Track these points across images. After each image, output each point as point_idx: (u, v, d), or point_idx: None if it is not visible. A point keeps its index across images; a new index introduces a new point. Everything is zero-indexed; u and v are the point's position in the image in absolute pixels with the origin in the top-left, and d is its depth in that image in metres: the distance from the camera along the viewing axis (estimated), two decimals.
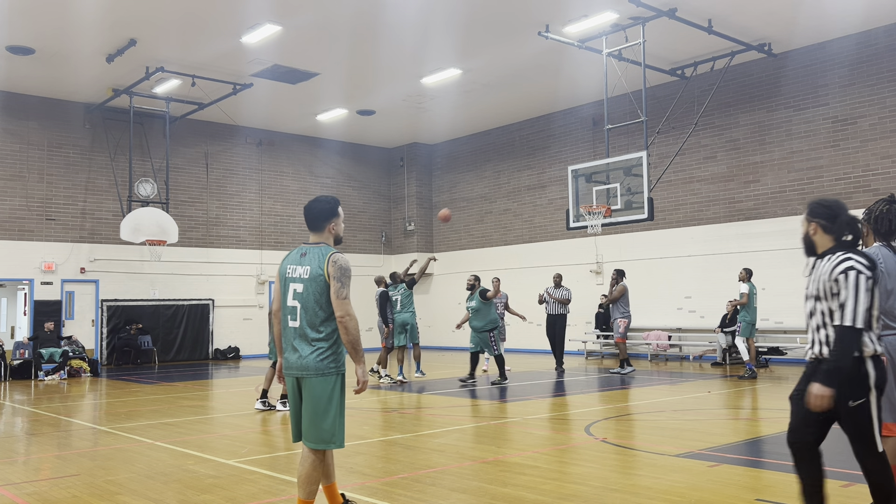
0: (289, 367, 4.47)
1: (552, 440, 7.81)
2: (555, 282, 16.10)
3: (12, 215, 18.50)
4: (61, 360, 16.34)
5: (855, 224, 3.95)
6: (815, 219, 4.00)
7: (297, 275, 4.47)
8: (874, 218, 4.58)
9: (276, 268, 4.62)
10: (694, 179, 18.35)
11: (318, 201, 4.61)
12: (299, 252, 4.56)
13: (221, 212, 21.86)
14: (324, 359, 4.38)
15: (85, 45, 15.65)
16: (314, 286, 4.39)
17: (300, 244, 4.64)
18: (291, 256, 4.58)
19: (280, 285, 4.57)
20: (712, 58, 16.74)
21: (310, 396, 4.37)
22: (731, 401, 10.80)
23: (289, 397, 4.54)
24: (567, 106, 21.01)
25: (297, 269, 4.48)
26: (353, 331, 4.35)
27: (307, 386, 4.38)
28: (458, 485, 5.80)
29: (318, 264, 4.41)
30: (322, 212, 4.56)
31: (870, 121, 15.57)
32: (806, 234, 4.06)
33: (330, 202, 4.60)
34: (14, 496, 5.71)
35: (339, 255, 4.45)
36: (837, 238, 3.95)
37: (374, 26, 14.95)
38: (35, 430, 9.18)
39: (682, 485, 5.67)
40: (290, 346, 4.46)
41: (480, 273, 21.72)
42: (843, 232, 3.93)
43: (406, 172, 25.22)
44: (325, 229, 4.57)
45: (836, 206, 4.00)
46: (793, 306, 16.46)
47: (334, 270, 4.37)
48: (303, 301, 4.42)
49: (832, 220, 3.96)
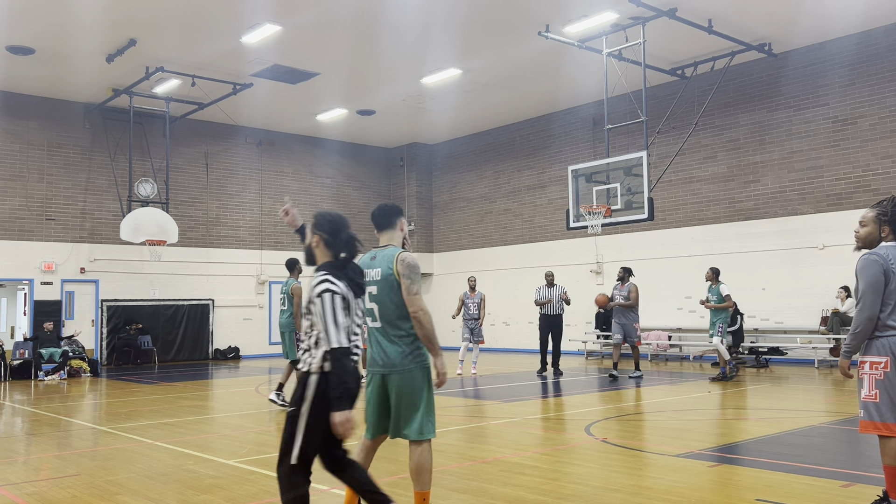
0: (374, 364, 4.60)
1: (552, 440, 7.81)
2: (547, 280, 14.87)
3: (12, 215, 18.50)
4: (61, 360, 16.34)
5: (354, 243, 4.00)
6: (318, 231, 4.02)
7: (370, 277, 4.60)
8: (891, 212, 4.57)
9: (277, 268, 4.72)
10: (694, 179, 18.35)
11: (385, 205, 4.79)
12: (370, 256, 4.69)
13: (221, 212, 21.86)
14: (409, 353, 4.52)
15: (85, 44, 15.65)
16: (386, 286, 4.53)
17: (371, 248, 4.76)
18: (363, 261, 4.69)
19: None
20: (712, 58, 16.74)
21: (401, 391, 4.53)
22: (731, 401, 10.80)
23: (368, 394, 4.64)
24: (567, 106, 21.01)
25: (369, 273, 4.61)
26: (428, 325, 4.47)
27: (396, 381, 4.53)
28: (458, 485, 5.80)
29: (387, 265, 4.55)
30: (391, 209, 4.75)
31: (870, 121, 15.57)
32: (308, 246, 4.11)
33: (389, 206, 4.78)
34: (14, 496, 5.71)
35: (407, 253, 4.57)
36: (336, 254, 3.98)
37: (374, 26, 14.94)
38: (35, 430, 9.18)
39: (682, 485, 5.67)
40: (375, 344, 4.61)
41: (480, 273, 21.76)
42: (342, 249, 3.97)
43: (406, 172, 25.22)
44: (396, 226, 4.69)
45: (340, 221, 4.04)
46: (793, 306, 16.48)
47: (403, 268, 4.50)
48: (379, 301, 4.56)
49: (334, 235, 3.99)
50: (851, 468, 6.16)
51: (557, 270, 20.70)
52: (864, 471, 5.94)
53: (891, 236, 4.61)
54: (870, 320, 4.49)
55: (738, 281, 17.28)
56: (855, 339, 4.57)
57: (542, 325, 14.74)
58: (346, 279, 3.91)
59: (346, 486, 4.31)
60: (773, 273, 16.79)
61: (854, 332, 4.55)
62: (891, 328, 4.47)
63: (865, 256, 4.57)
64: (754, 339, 17.00)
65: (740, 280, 17.26)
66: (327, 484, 5.97)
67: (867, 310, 4.48)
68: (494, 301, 21.59)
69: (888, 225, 4.62)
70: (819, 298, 16.00)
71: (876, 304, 4.47)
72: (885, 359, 4.46)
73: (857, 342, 4.59)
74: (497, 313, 21.46)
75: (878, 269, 4.48)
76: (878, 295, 4.47)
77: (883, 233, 4.64)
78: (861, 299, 4.52)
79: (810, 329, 16.12)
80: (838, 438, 7.73)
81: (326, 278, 3.84)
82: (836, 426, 8.26)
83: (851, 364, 4.72)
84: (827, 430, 8.07)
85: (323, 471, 4.20)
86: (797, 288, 16.43)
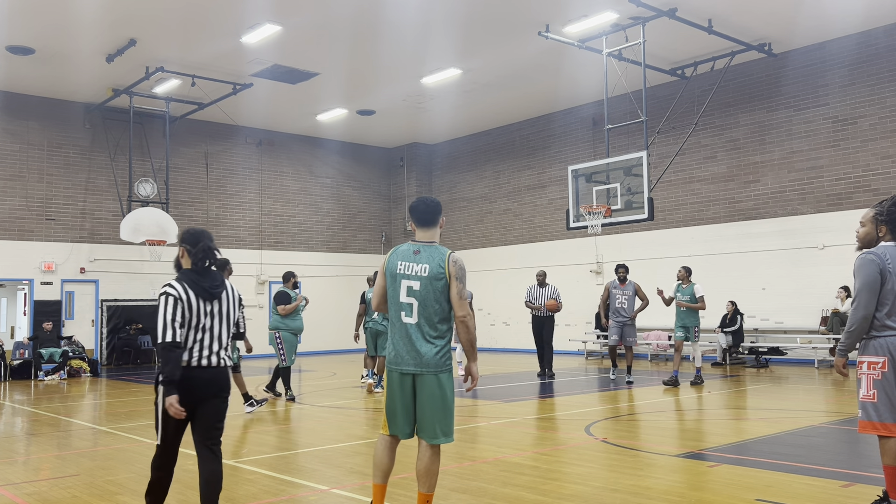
0: (402, 363, 4.47)
1: (552, 440, 7.81)
2: (539, 280, 14.26)
3: (12, 215, 18.50)
4: (61, 360, 16.34)
5: (210, 253, 4.37)
6: (183, 244, 4.44)
7: (412, 272, 4.48)
8: (887, 212, 4.57)
9: (277, 268, 4.73)
10: (694, 179, 18.35)
11: (430, 199, 4.69)
12: (411, 249, 4.56)
13: (221, 212, 21.86)
14: (442, 356, 4.46)
15: (85, 44, 15.65)
16: (435, 285, 4.44)
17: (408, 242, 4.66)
18: (402, 253, 4.58)
19: (388, 281, 4.58)
20: (712, 58, 16.73)
21: (429, 393, 4.44)
22: (731, 401, 10.80)
23: (394, 393, 4.53)
24: (567, 106, 21.00)
25: (412, 267, 4.49)
26: (473, 330, 4.51)
27: (425, 382, 4.44)
28: (458, 485, 5.80)
29: (438, 263, 4.46)
30: (436, 205, 4.66)
31: (870, 121, 15.57)
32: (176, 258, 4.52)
33: (438, 201, 4.74)
34: (14, 496, 5.71)
35: (457, 255, 4.53)
36: (195, 262, 4.38)
37: (374, 26, 14.94)
38: (35, 430, 9.18)
39: (682, 485, 5.67)
40: (405, 342, 4.48)
41: (480, 273, 21.78)
42: (199, 258, 4.35)
43: (406, 172, 25.22)
44: (438, 223, 4.64)
45: (200, 234, 4.43)
46: (793, 306, 16.48)
47: (456, 270, 4.45)
48: (421, 299, 4.45)
49: (194, 245, 4.37)
50: (851, 468, 6.16)
51: (557, 270, 20.71)
52: (864, 471, 5.94)
53: (888, 236, 4.61)
54: (864, 319, 4.49)
55: (738, 281, 17.30)
56: (850, 338, 4.58)
57: (533, 326, 14.35)
58: (194, 285, 4.29)
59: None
60: (773, 273, 16.79)
61: (849, 330, 4.56)
62: (889, 328, 4.46)
63: (863, 256, 4.57)
64: (754, 339, 17.00)
65: (740, 280, 17.28)
66: (327, 484, 5.97)
67: (862, 309, 4.48)
68: (494, 301, 21.60)
69: (885, 224, 4.62)
70: (819, 298, 16.00)
71: (871, 303, 4.47)
72: (883, 359, 4.45)
73: (851, 341, 4.59)
74: (497, 313, 21.47)
75: (874, 268, 4.48)
76: (873, 294, 4.47)
77: (880, 232, 4.64)
78: (856, 298, 4.53)
79: (810, 329, 16.12)
80: (838, 438, 7.73)
81: (168, 283, 4.30)
82: (836, 426, 8.26)
83: (848, 363, 4.72)
84: (827, 430, 8.07)
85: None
86: (797, 288, 16.43)
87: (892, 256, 4.52)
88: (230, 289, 4.50)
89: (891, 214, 4.60)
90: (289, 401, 11.12)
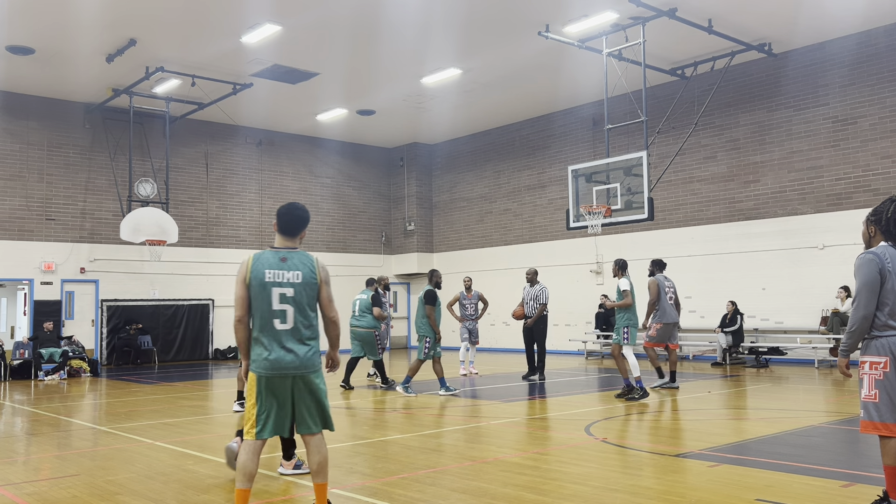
0: (283, 366, 4.57)
1: (552, 440, 7.80)
2: (528, 279, 13.74)
3: (12, 215, 18.51)
4: (61, 360, 16.33)
5: None
6: None
7: (284, 279, 4.61)
8: (886, 219, 4.58)
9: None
10: (694, 179, 18.35)
11: (301, 208, 4.83)
12: (277, 256, 4.67)
13: (221, 212, 21.86)
14: (315, 355, 4.69)
15: (85, 44, 15.65)
16: (308, 290, 4.66)
17: (267, 249, 4.79)
18: (267, 261, 4.65)
19: (255, 290, 4.61)
20: (712, 58, 16.74)
21: (311, 390, 4.66)
22: (731, 401, 10.80)
23: (270, 397, 4.61)
24: (567, 106, 21.01)
25: (283, 274, 4.62)
26: (340, 326, 4.87)
27: (305, 382, 4.64)
28: (458, 485, 5.80)
29: (309, 269, 4.67)
30: (304, 220, 4.82)
31: (870, 121, 15.57)
32: None
33: (308, 211, 4.90)
34: (14, 496, 5.71)
35: (321, 260, 4.83)
36: None
37: (374, 26, 14.95)
38: (35, 430, 9.18)
39: (682, 485, 5.67)
40: (282, 348, 4.59)
41: (480, 273, 21.76)
42: None
43: (406, 172, 25.23)
44: (300, 235, 4.83)
45: None
46: (793, 306, 16.48)
47: (325, 275, 4.75)
48: (296, 304, 4.61)
49: None
50: (851, 468, 6.16)
51: (557, 270, 20.73)
52: (864, 471, 5.94)
53: (879, 236, 4.63)
54: (865, 319, 4.49)
55: (738, 281, 17.30)
56: (851, 338, 4.58)
57: (524, 327, 13.81)
58: None
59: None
60: (773, 273, 16.79)
61: (850, 330, 4.56)
62: (890, 328, 4.46)
63: (862, 255, 4.59)
64: (754, 339, 17.00)
65: (740, 280, 17.28)
66: None
67: (862, 308, 4.49)
68: (494, 301, 21.60)
69: (874, 225, 4.65)
70: (819, 298, 16.00)
71: (871, 302, 4.47)
72: (885, 359, 4.45)
73: (853, 341, 4.59)
74: (497, 313, 21.44)
75: (873, 267, 4.49)
76: (873, 294, 4.47)
77: (871, 232, 4.66)
78: (857, 298, 4.54)
79: (810, 329, 16.12)
80: (838, 438, 7.73)
81: None
82: (836, 426, 8.26)
83: (850, 363, 4.72)
84: (827, 430, 8.07)
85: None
86: (797, 288, 16.43)
87: (892, 256, 4.52)
88: None
89: (878, 214, 4.63)
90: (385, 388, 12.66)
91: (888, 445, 4.46)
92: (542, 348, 13.67)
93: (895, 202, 4.60)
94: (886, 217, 4.59)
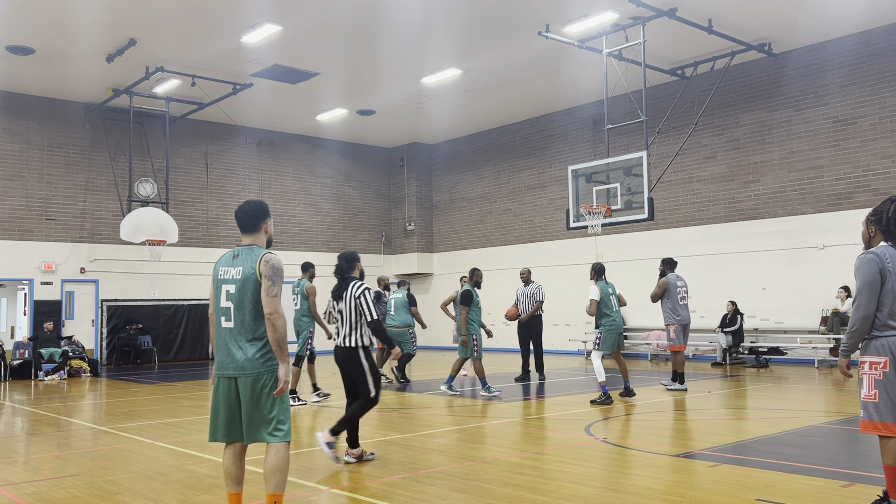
0: (223, 367, 4.49)
1: (552, 440, 7.80)
2: (523, 279, 13.78)
3: (12, 215, 18.50)
4: (61, 360, 16.33)
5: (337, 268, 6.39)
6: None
7: (229, 276, 4.51)
8: (886, 219, 4.58)
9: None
10: (694, 179, 18.35)
11: (250, 202, 4.68)
12: (231, 254, 4.61)
13: (221, 212, 21.86)
14: (261, 356, 4.42)
15: (85, 44, 15.65)
16: (248, 287, 4.43)
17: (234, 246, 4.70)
18: (224, 259, 4.63)
19: (213, 288, 4.62)
20: (712, 58, 16.74)
21: (250, 396, 4.41)
22: (731, 401, 10.80)
23: (218, 398, 4.54)
24: (567, 106, 21.01)
25: (229, 271, 4.52)
26: (281, 328, 4.38)
27: (247, 386, 4.41)
28: (458, 485, 5.80)
29: (250, 265, 4.45)
30: (256, 212, 4.62)
31: (870, 121, 15.57)
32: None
33: (262, 203, 4.70)
34: (14, 496, 5.71)
35: (272, 254, 4.50)
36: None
37: (374, 26, 14.95)
38: (35, 430, 9.18)
39: (682, 485, 5.67)
40: (225, 347, 4.50)
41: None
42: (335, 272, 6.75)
43: (406, 172, 25.23)
44: (261, 229, 4.64)
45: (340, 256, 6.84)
46: (793, 306, 16.47)
47: (266, 269, 4.41)
48: (237, 302, 4.45)
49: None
50: (851, 468, 6.16)
51: (557, 270, 20.74)
52: (864, 471, 5.94)
53: (879, 236, 4.63)
54: (866, 319, 4.49)
55: (738, 281, 17.30)
56: (852, 338, 4.59)
57: (519, 327, 13.81)
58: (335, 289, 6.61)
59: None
60: (773, 273, 16.79)
61: (850, 331, 4.57)
62: (890, 328, 4.46)
63: (863, 255, 4.59)
64: (754, 339, 17.00)
65: (740, 280, 17.28)
66: (327, 484, 5.97)
67: (863, 308, 4.49)
68: (494, 301, 21.57)
69: (874, 224, 4.65)
70: (819, 298, 16.00)
71: (872, 303, 4.47)
72: (885, 359, 4.45)
73: (853, 341, 4.60)
74: (497, 313, 21.42)
75: (874, 268, 4.49)
76: (873, 294, 4.47)
77: (871, 232, 4.67)
78: (857, 298, 4.54)
79: (810, 329, 16.12)
80: (838, 438, 7.73)
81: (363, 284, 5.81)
82: (836, 426, 8.26)
83: (851, 363, 4.72)
84: (827, 430, 8.07)
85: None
86: (797, 288, 16.43)
87: (892, 256, 4.52)
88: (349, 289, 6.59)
89: (878, 214, 4.63)
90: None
91: (888, 445, 4.46)
92: (538, 347, 13.75)
93: (895, 202, 4.60)
94: (887, 217, 4.59)
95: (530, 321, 13.65)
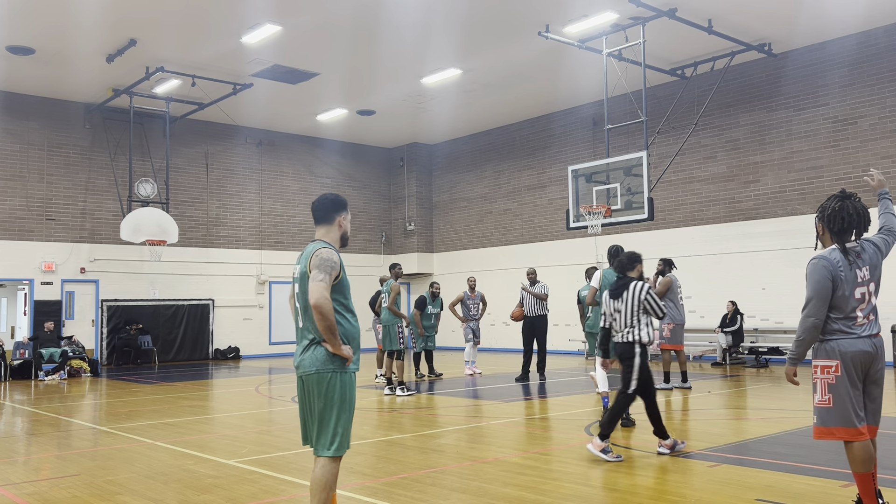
0: (297, 366, 4.34)
1: (552, 440, 7.81)
2: (530, 279, 13.83)
3: (12, 215, 18.51)
4: (61, 360, 16.34)
5: (616, 259, 6.56)
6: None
7: (296, 274, 4.40)
8: (827, 216, 4.49)
9: (277, 268, 4.60)
10: (694, 179, 18.35)
11: (328, 194, 4.51)
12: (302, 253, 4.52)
13: (221, 212, 21.87)
14: (319, 356, 4.23)
15: (85, 45, 15.65)
16: (305, 284, 4.27)
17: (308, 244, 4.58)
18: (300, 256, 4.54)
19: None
20: (712, 58, 16.74)
21: (313, 398, 4.24)
22: (731, 401, 10.80)
23: (299, 398, 4.40)
24: (567, 106, 21.01)
25: (296, 269, 4.41)
26: (328, 315, 4.07)
27: (310, 386, 4.24)
28: (458, 485, 5.80)
29: (305, 261, 4.28)
30: (332, 202, 4.44)
31: (870, 121, 15.57)
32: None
33: (339, 196, 4.51)
34: (14, 496, 5.71)
35: (328, 248, 4.27)
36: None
37: (374, 26, 14.95)
38: (35, 430, 9.18)
39: (681, 485, 5.67)
40: (299, 346, 4.36)
41: (480, 273, 21.75)
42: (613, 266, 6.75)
43: (406, 172, 25.23)
44: (335, 222, 4.43)
45: (616, 252, 7.03)
46: (793, 306, 16.46)
47: (316, 261, 4.19)
48: (302, 302, 4.33)
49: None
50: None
51: (557, 270, 20.73)
52: None
53: (827, 234, 4.52)
54: (815, 328, 4.36)
55: (738, 281, 17.30)
56: (800, 347, 4.43)
57: (524, 325, 13.82)
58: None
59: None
60: (773, 273, 16.79)
61: (798, 339, 4.41)
62: (839, 331, 4.36)
63: (815, 261, 4.44)
64: (754, 339, 17.00)
65: (740, 280, 17.28)
66: None
67: (812, 316, 4.35)
68: (494, 301, 21.61)
69: (821, 222, 4.55)
70: None
71: (822, 311, 4.34)
72: (835, 362, 4.33)
73: (802, 349, 4.44)
74: (497, 313, 21.46)
75: (825, 274, 4.35)
76: (824, 302, 4.34)
77: (819, 230, 4.59)
78: (807, 306, 4.39)
79: None
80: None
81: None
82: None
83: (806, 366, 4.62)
84: None
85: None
86: (797, 288, 16.39)
87: (843, 261, 4.38)
88: (630, 289, 7.00)
89: (823, 211, 4.53)
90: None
91: (852, 451, 4.37)
92: (542, 347, 13.78)
93: (839, 199, 4.49)
94: (828, 215, 4.49)
95: (536, 321, 13.66)
